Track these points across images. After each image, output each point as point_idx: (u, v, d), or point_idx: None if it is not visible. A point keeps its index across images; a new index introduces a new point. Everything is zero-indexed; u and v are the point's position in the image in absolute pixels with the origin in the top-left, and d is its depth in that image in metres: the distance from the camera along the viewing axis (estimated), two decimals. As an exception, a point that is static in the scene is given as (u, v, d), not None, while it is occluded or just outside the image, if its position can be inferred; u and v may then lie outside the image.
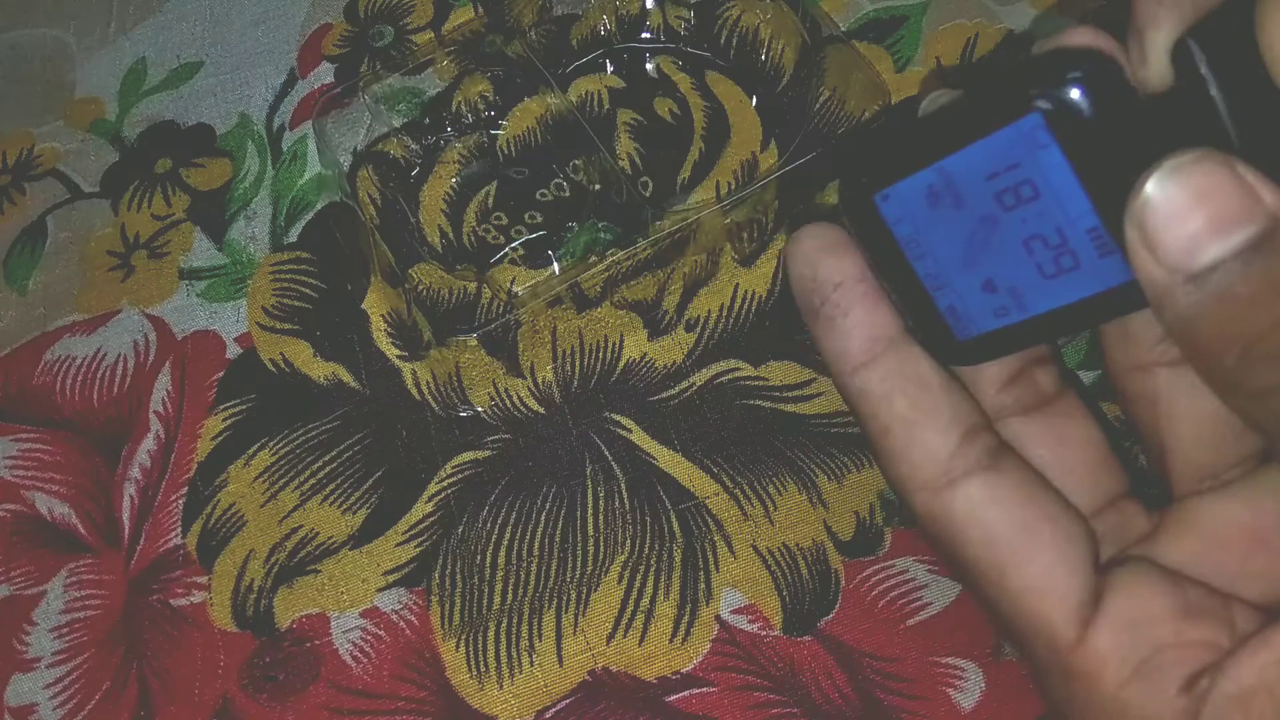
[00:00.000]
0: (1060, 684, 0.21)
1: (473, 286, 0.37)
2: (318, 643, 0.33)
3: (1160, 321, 0.17)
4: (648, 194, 0.39)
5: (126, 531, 0.35)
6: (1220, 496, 0.22)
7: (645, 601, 0.33)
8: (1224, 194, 0.16)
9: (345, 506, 0.35)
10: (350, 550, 0.35)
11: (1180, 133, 0.17)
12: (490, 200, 0.39)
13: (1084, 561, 0.20)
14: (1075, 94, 0.18)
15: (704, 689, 0.32)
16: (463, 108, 0.41)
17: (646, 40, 0.42)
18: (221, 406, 0.37)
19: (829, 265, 0.21)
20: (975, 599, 0.22)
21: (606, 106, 0.41)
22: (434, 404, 0.37)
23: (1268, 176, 0.17)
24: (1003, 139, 0.19)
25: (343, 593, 0.34)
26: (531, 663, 0.33)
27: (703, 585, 0.33)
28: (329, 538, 0.35)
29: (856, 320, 0.21)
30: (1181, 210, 0.16)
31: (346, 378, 0.37)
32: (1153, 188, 0.17)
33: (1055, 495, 0.21)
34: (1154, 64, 0.18)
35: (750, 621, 0.33)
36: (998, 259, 0.20)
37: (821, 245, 0.22)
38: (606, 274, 0.35)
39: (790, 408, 0.36)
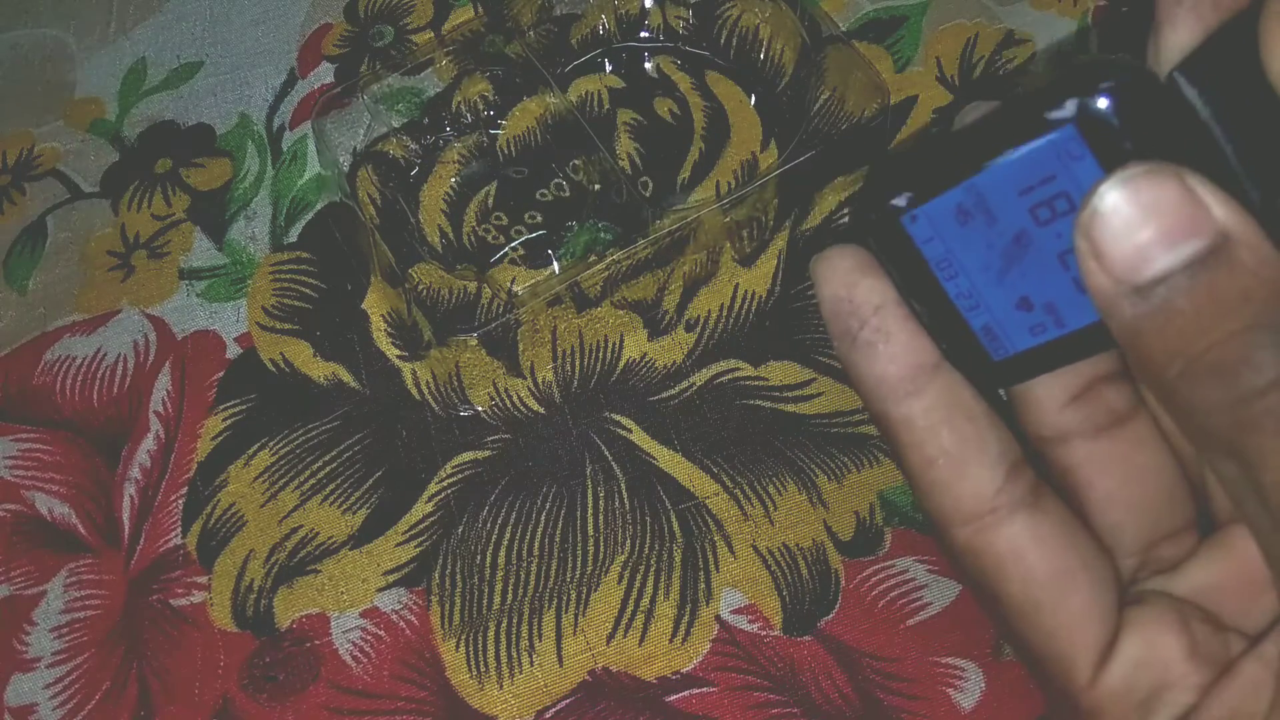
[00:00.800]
0: (1068, 718, 0.21)
1: (473, 286, 0.37)
2: (318, 643, 0.33)
3: (1111, 330, 0.18)
4: (648, 194, 0.39)
5: (126, 531, 0.35)
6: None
7: (645, 601, 0.33)
8: (1174, 207, 0.16)
9: (345, 506, 0.35)
10: (350, 550, 0.35)
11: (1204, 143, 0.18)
12: (490, 200, 0.39)
13: (1111, 607, 0.20)
14: (1108, 103, 0.18)
15: (704, 689, 0.32)
16: (462, 108, 0.41)
17: (645, 39, 0.42)
18: (221, 406, 0.37)
19: (867, 286, 0.20)
20: (1001, 632, 0.22)
21: (606, 106, 0.41)
22: (434, 404, 0.37)
23: (1273, 202, 0.17)
24: (1037, 151, 0.18)
25: (343, 593, 0.34)
26: (531, 663, 0.33)
27: (703, 585, 0.33)
28: (329, 538, 0.35)
29: (900, 346, 0.20)
30: (1131, 222, 0.16)
31: (346, 378, 0.37)
32: (1102, 199, 0.17)
33: (1089, 537, 0.21)
34: (1167, 64, 0.18)
35: (750, 621, 0.33)
36: (1033, 275, 0.20)
37: (857, 265, 0.21)
38: (606, 273, 0.35)
39: (790, 408, 0.36)
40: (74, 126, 0.43)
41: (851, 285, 0.20)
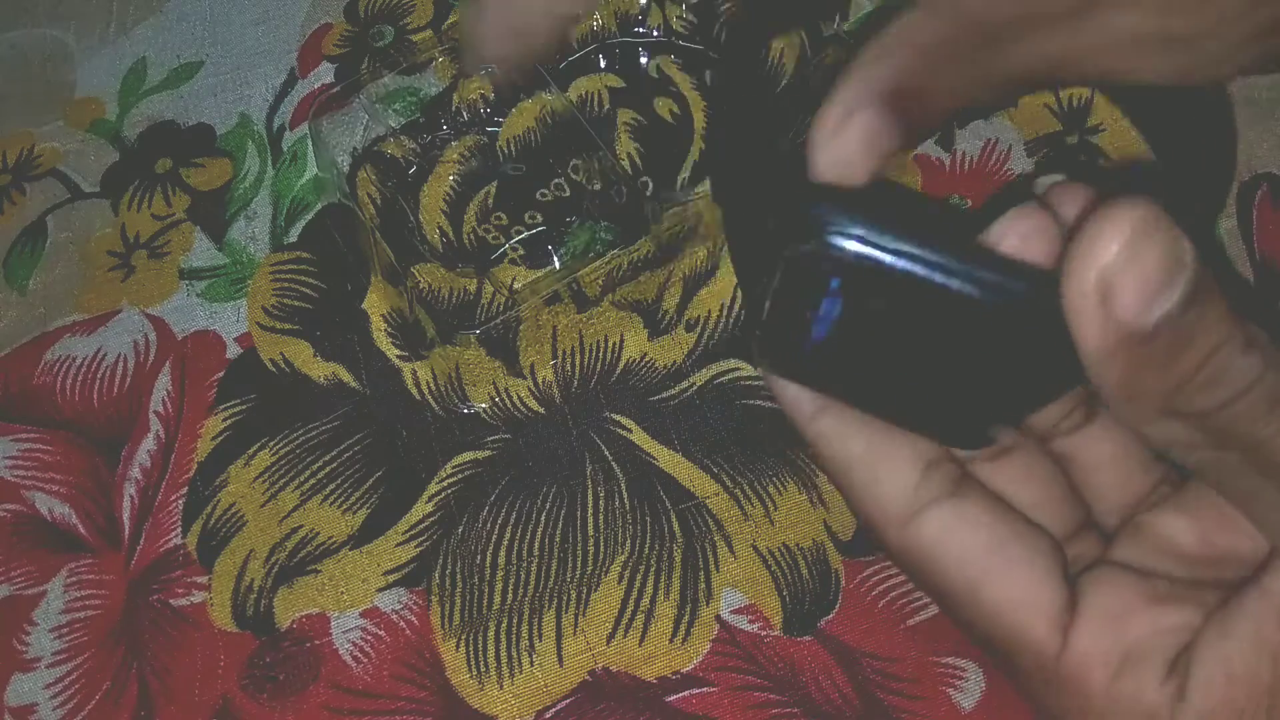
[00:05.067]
0: (1052, 693, 0.21)
1: (473, 285, 0.37)
2: (318, 643, 0.33)
3: (1102, 376, 0.18)
4: (648, 194, 0.39)
5: (126, 531, 0.35)
6: (1162, 512, 0.23)
7: (645, 601, 0.33)
8: (1164, 250, 0.17)
9: (345, 506, 0.35)
10: (350, 550, 0.35)
11: None
12: (490, 200, 0.39)
13: (1055, 572, 0.21)
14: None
15: (704, 689, 0.32)
16: (461, 107, 0.41)
17: (639, 35, 0.42)
18: (221, 406, 0.37)
19: None
20: (956, 623, 0.23)
21: (606, 106, 0.41)
22: (434, 404, 0.36)
23: None
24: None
25: (343, 593, 0.34)
26: (531, 663, 0.33)
27: (703, 585, 0.33)
28: (329, 538, 0.35)
29: None
30: (1134, 271, 0.17)
31: (346, 378, 0.37)
32: (1103, 256, 0.17)
33: (1020, 515, 0.22)
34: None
35: (750, 621, 0.33)
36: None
37: None
38: (606, 269, 0.35)
39: (790, 407, 0.36)
40: (74, 126, 0.43)
41: None
